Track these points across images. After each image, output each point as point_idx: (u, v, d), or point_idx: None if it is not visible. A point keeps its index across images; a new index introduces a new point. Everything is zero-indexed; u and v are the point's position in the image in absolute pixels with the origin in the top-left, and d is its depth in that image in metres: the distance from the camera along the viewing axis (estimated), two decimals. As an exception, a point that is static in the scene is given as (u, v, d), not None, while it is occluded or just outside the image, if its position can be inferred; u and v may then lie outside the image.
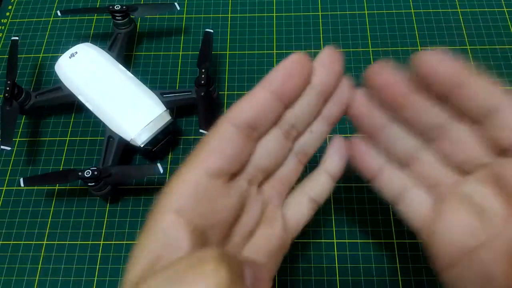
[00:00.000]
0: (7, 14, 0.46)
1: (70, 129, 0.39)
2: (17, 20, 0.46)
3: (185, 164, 0.19)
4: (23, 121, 0.40)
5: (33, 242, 0.35)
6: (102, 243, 0.34)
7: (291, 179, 0.23)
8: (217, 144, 0.19)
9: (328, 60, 0.21)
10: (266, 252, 0.21)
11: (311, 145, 0.23)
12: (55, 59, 0.38)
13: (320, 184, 0.23)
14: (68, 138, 0.39)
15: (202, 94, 0.35)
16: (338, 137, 0.24)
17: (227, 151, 0.19)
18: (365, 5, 0.45)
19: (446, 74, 0.19)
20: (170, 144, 0.37)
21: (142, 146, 0.34)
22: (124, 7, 0.40)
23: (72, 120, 0.40)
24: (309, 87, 0.21)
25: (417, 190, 0.22)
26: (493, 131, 0.19)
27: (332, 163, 0.23)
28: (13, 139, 0.36)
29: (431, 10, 0.44)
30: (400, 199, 0.22)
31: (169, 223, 0.17)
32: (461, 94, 0.19)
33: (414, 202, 0.22)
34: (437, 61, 0.19)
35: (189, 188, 0.18)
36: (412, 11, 0.44)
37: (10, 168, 0.38)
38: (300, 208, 0.23)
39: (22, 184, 0.33)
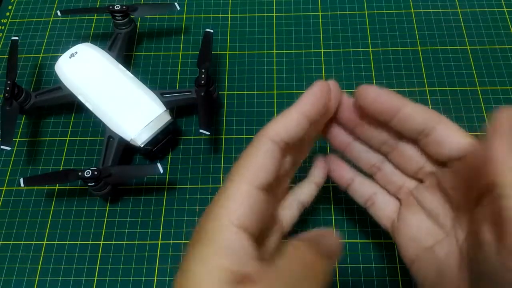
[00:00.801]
0: (7, 14, 0.46)
1: (70, 129, 0.39)
2: (17, 20, 0.46)
3: (231, 177, 0.21)
4: (23, 121, 0.40)
5: (33, 242, 0.35)
6: (102, 243, 0.34)
7: (287, 186, 0.26)
8: (263, 160, 0.21)
9: (334, 89, 0.24)
10: (271, 250, 0.24)
11: (303, 155, 0.26)
12: (55, 59, 0.38)
13: (308, 191, 0.27)
14: (68, 138, 0.39)
15: (202, 94, 0.35)
16: (320, 156, 0.28)
17: (272, 166, 0.21)
18: (365, 5, 0.45)
19: (384, 104, 0.22)
20: (170, 144, 0.37)
21: (142, 146, 0.34)
22: (124, 7, 0.40)
23: (72, 120, 0.40)
24: None
25: (383, 195, 0.26)
26: (429, 148, 0.23)
27: (317, 176, 0.28)
28: (13, 139, 0.36)
29: (431, 10, 0.44)
30: (370, 202, 0.27)
31: (233, 237, 0.19)
32: (396, 120, 0.23)
33: (381, 205, 0.26)
34: (376, 94, 0.22)
35: (244, 201, 0.20)
36: (412, 11, 0.44)
37: (10, 168, 0.38)
38: (292, 210, 0.26)
39: (22, 184, 0.33)
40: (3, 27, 0.46)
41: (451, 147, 0.22)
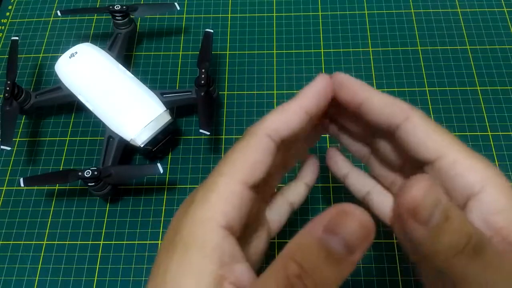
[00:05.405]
0: (7, 14, 0.46)
1: (70, 129, 0.39)
2: (17, 20, 0.46)
3: (220, 171, 0.19)
4: (23, 121, 0.40)
5: (33, 242, 0.35)
6: (102, 243, 0.34)
7: (274, 188, 0.25)
8: (258, 157, 0.19)
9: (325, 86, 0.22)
10: (257, 253, 0.22)
11: (295, 160, 0.25)
12: (55, 59, 0.38)
13: (298, 192, 0.25)
14: (68, 138, 0.39)
15: (202, 94, 0.35)
16: (311, 155, 0.26)
17: (266, 165, 0.19)
18: (365, 5, 0.45)
19: (348, 94, 0.20)
20: (170, 144, 0.37)
21: (142, 146, 0.34)
22: (124, 7, 0.40)
23: (72, 120, 0.40)
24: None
25: (379, 192, 0.24)
26: (401, 145, 0.20)
27: (308, 176, 0.26)
28: (13, 139, 0.35)
29: (431, 10, 0.44)
30: (367, 199, 0.24)
31: (221, 239, 0.17)
32: (362, 112, 0.20)
33: (378, 203, 0.24)
34: (340, 82, 0.21)
35: (233, 200, 0.18)
36: (412, 11, 0.44)
37: (10, 168, 0.38)
38: (280, 211, 0.25)
39: (22, 184, 0.33)
40: (3, 27, 0.46)
41: (418, 149, 0.19)
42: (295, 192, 0.25)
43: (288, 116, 0.20)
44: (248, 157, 0.19)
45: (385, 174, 0.24)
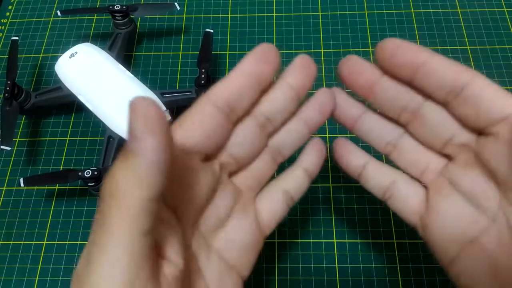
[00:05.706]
0: (7, 14, 0.46)
1: (70, 129, 0.39)
2: (17, 20, 0.46)
3: None
4: (23, 121, 0.40)
5: (33, 242, 0.35)
6: (102, 243, 0.34)
7: (264, 176, 0.23)
8: (197, 120, 0.19)
9: (303, 63, 0.21)
10: (239, 246, 0.21)
11: (287, 145, 0.23)
12: (55, 59, 0.38)
13: (295, 179, 0.23)
14: (68, 138, 0.39)
15: (202, 94, 0.35)
16: (317, 138, 0.24)
17: (206, 127, 0.19)
18: (365, 5, 0.45)
19: (406, 56, 0.19)
20: (170, 144, 0.37)
21: (142, 146, 0.34)
22: (124, 7, 0.40)
23: (72, 120, 0.40)
24: (283, 82, 0.21)
25: (405, 182, 0.22)
26: (463, 110, 0.19)
27: (308, 160, 0.23)
28: (13, 139, 0.36)
29: (431, 10, 0.44)
30: (389, 193, 0.22)
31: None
32: (419, 76, 0.19)
33: (403, 195, 0.22)
34: (397, 45, 0.19)
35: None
36: (412, 11, 0.44)
37: (10, 168, 0.38)
38: (274, 203, 0.23)
39: (22, 184, 0.33)
40: (3, 27, 0.46)
41: (491, 107, 0.18)
42: (290, 178, 0.23)
43: (228, 81, 0.20)
44: (185, 121, 0.20)
45: (418, 159, 0.22)
